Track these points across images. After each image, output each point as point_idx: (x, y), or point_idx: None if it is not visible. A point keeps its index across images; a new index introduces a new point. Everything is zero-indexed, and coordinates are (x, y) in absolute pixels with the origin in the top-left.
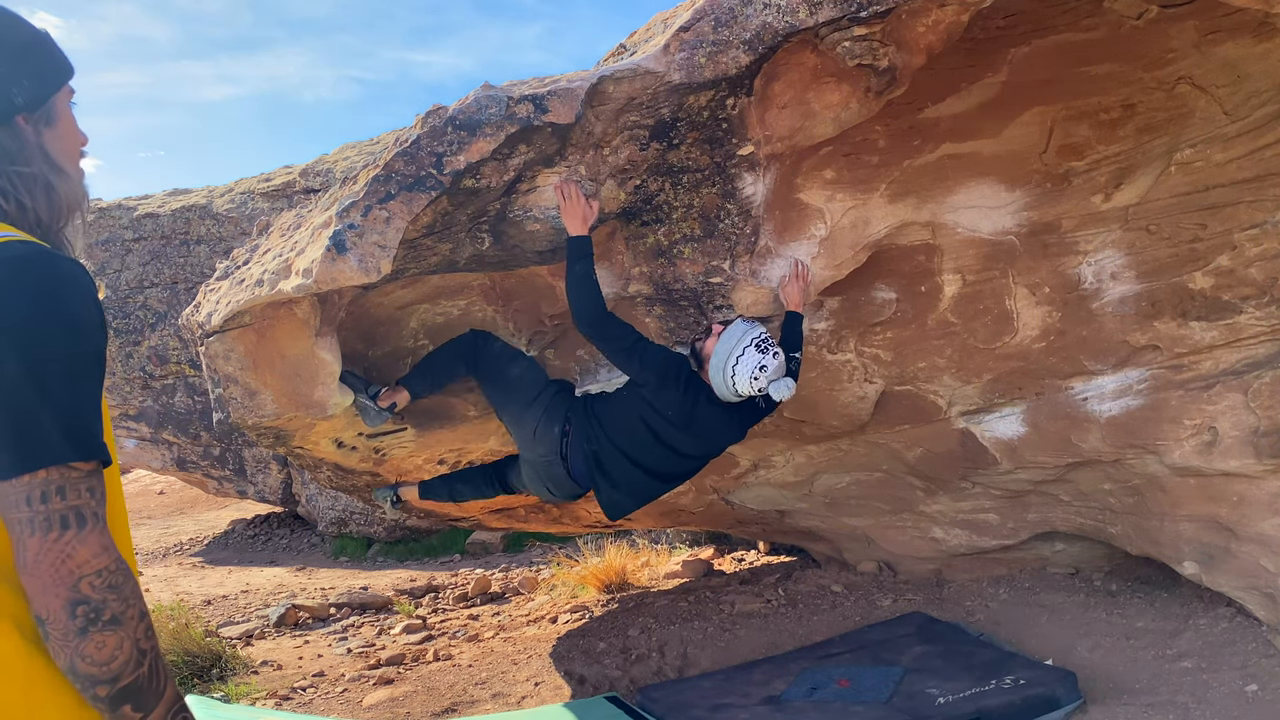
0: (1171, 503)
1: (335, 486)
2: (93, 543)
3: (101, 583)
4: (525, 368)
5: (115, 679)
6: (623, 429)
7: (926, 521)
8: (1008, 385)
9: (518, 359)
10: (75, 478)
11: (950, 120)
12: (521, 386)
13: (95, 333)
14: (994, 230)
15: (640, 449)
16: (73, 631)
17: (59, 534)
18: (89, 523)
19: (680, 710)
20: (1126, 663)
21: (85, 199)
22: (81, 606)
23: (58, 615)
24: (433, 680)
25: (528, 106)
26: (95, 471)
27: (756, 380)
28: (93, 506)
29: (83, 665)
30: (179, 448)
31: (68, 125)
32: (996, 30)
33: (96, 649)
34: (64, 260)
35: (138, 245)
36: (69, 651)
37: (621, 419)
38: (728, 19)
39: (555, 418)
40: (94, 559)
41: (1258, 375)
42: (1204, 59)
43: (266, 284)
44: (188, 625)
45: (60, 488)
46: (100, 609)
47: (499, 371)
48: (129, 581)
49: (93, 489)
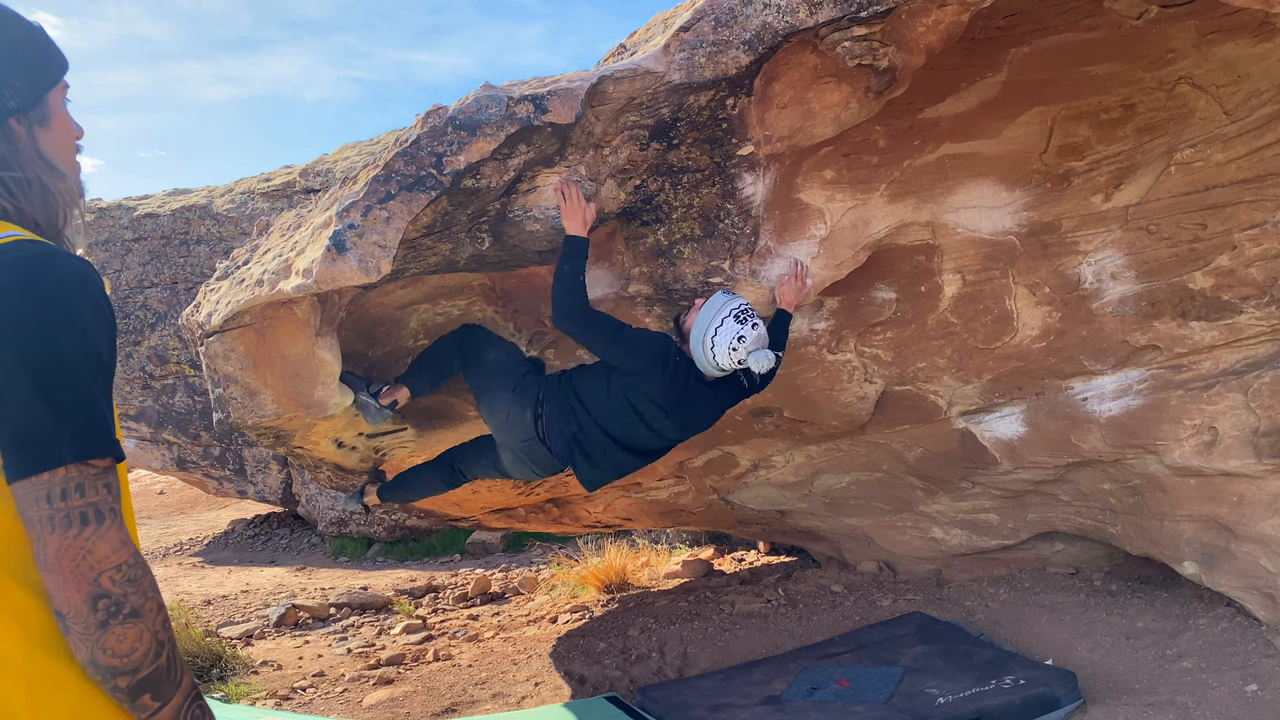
0: (1171, 503)
1: (335, 486)
2: (112, 538)
3: (121, 577)
4: (501, 352)
5: (135, 670)
6: (607, 410)
7: (926, 521)
8: (1008, 385)
9: (495, 344)
10: (92, 475)
11: (950, 120)
12: (496, 371)
13: (105, 330)
14: (994, 230)
15: (624, 429)
16: (94, 625)
17: (79, 530)
18: (107, 519)
19: (680, 710)
20: (1126, 663)
21: (82, 196)
22: (103, 600)
23: (79, 610)
24: (433, 680)
25: (528, 106)
26: (110, 468)
27: (735, 351)
28: (110, 502)
29: (104, 658)
30: (179, 448)
31: (62, 122)
32: (996, 30)
33: (118, 641)
34: (71, 258)
35: (138, 245)
36: (90, 645)
37: (605, 399)
38: (728, 19)
39: (526, 400)
40: (113, 554)
41: (1258, 375)
42: (1204, 59)
43: (266, 284)
44: (188, 625)
45: (79, 485)
46: (121, 602)
47: (477, 359)
48: (147, 575)
49: (109, 485)
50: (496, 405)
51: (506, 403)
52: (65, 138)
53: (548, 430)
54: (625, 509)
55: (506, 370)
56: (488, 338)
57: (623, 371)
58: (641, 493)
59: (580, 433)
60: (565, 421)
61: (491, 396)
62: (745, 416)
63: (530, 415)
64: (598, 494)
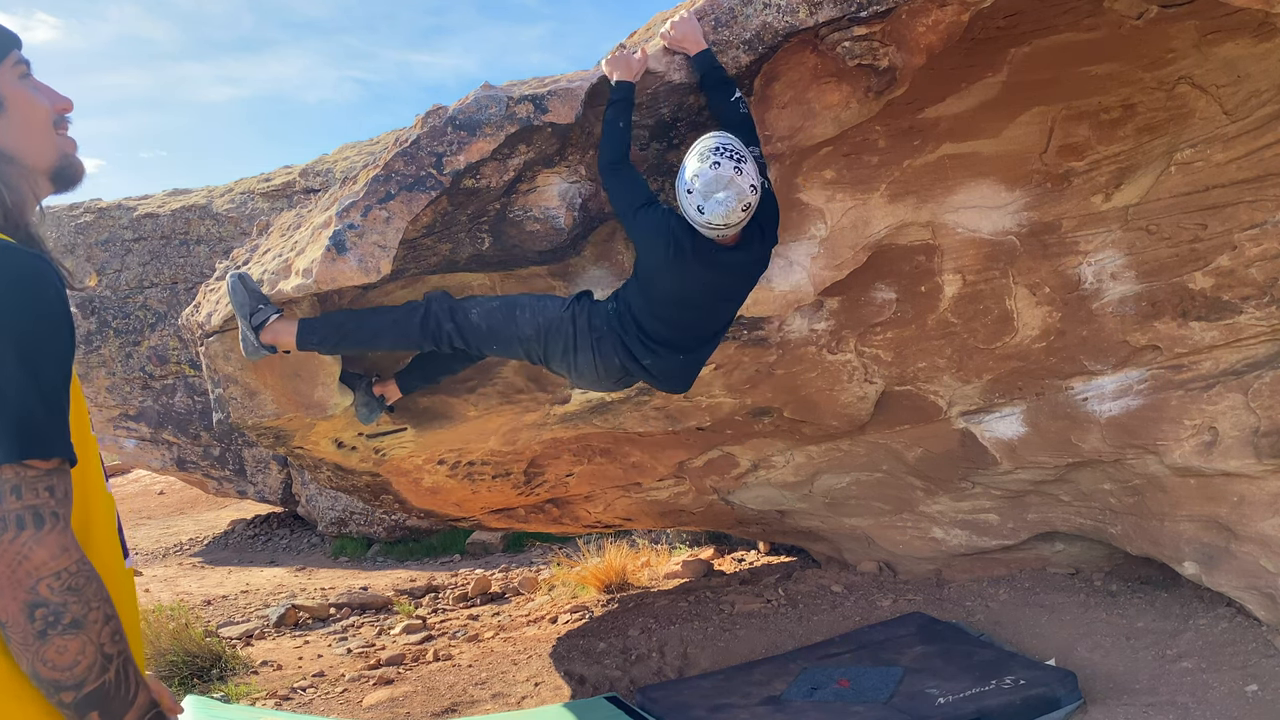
0: (1171, 503)
1: (335, 486)
2: (51, 544)
3: (60, 585)
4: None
5: (79, 685)
6: (656, 315)
7: (926, 521)
8: (1008, 385)
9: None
10: (31, 476)
11: (950, 120)
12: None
13: (58, 329)
14: (994, 230)
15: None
16: (32, 635)
17: (15, 534)
18: (47, 523)
19: (680, 710)
20: (1126, 663)
21: (71, 181)
22: (40, 609)
23: (16, 618)
24: (433, 680)
25: (528, 106)
26: (57, 470)
27: (701, 209)
28: (52, 506)
29: (44, 670)
30: (179, 448)
31: (21, 103)
32: (996, 30)
33: (57, 654)
34: (24, 254)
35: (138, 245)
36: (30, 656)
37: (650, 305)
38: (728, 19)
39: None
40: (52, 560)
41: (1258, 375)
42: (1204, 59)
43: (266, 284)
44: (188, 625)
45: (15, 487)
46: (60, 612)
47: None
48: (91, 584)
49: (52, 488)
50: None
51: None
52: (29, 119)
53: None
54: (625, 509)
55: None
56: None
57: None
58: (641, 493)
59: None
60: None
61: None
62: (745, 416)
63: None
64: (597, 494)
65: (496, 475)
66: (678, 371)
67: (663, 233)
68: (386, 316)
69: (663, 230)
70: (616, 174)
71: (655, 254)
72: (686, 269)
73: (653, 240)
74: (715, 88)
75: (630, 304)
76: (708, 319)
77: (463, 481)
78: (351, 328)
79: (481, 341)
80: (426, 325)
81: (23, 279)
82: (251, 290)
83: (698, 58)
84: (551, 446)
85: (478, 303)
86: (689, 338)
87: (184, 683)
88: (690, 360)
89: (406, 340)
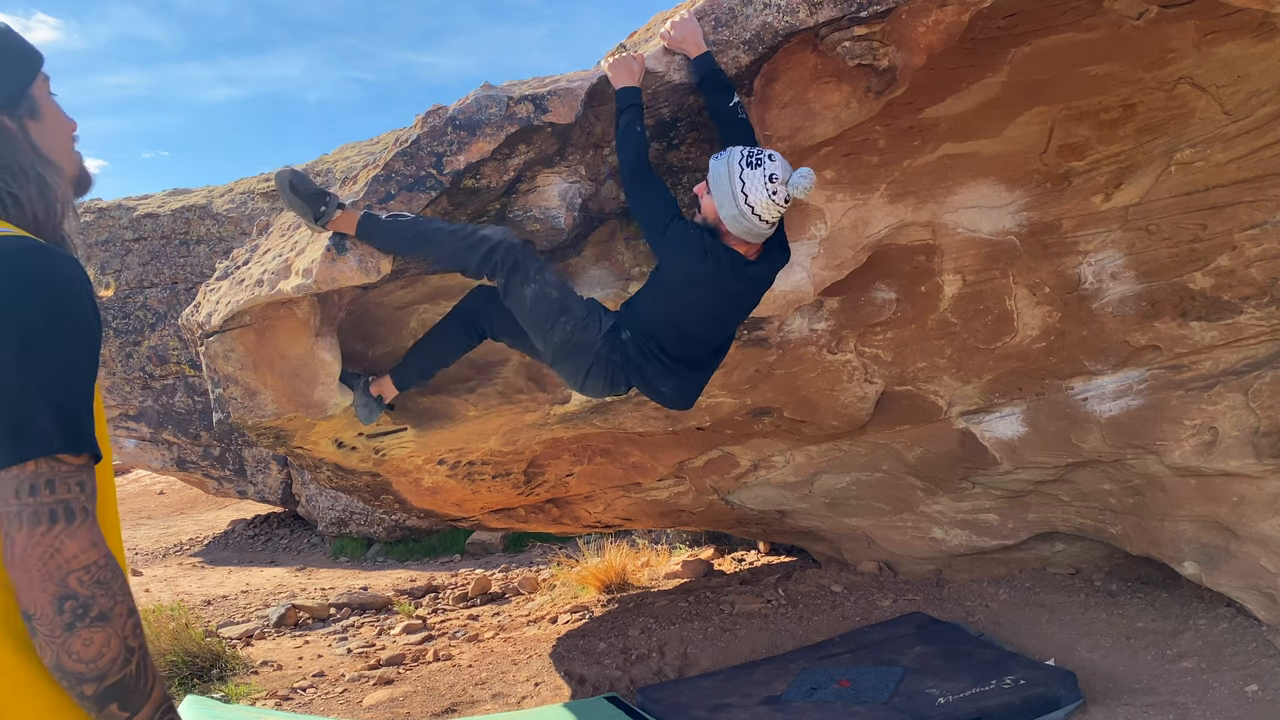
0: (1171, 503)
1: (335, 486)
2: (82, 537)
3: (90, 578)
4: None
5: (102, 677)
6: (672, 328)
7: (926, 521)
8: (1008, 385)
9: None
10: (65, 471)
11: (950, 120)
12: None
13: (88, 329)
14: (994, 230)
15: (692, 338)
16: (60, 627)
17: (48, 527)
18: (78, 517)
19: (680, 710)
20: (1126, 663)
21: (85, 189)
22: (69, 601)
23: (45, 610)
24: (433, 680)
25: (528, 106)
26: (85, 466)
27: (776, 194)
28: (82, 501)
29: (69, 662)
30: (179, 448)
31: (53, 115)
32: (997, 30)
33: (84, 645)
34: (59, 255)
35: (138, 245)
36: (56, 648)
37: (670, 317)
38: (728, 19)
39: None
40: (83, 554)
41: (1258, 375)
42: (1204, 59)
43: (266, 284)
44: (188, 625)
45: (50, 480)
46: (88, 604)
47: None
48: (118, 578)
49: (82, 483)
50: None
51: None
52: (59, 130)
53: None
54: (625, 509)
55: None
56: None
57: (662, 269)
58: (641, 493)
59: (661, 355)
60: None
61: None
62: (745, 416)
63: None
64: (597, 494)
65: (496, 475)
66: (691, 389)
67: (696, 246)
68: (457, 233)
69: (696, 243)
70: (643, 184)
71: (687, 267)
72: (719, 281)
73: (686, 253)
74: (714, 91)
75: (648, 326)
76: (721, 333)
77: (463, 481)
78: (413, 233)
79: (514, 307)
80: (491, 258)
81: (61, 280)
82: (308, 194)
83: (697, 61)
84: (551, 446)
85: (537, 278)
86: (706, 351)
87: (184, 683)
88: (701, 378)
89: (462, 260)
